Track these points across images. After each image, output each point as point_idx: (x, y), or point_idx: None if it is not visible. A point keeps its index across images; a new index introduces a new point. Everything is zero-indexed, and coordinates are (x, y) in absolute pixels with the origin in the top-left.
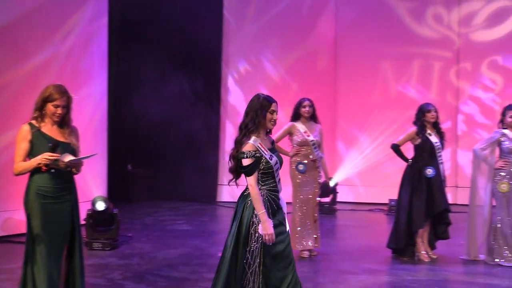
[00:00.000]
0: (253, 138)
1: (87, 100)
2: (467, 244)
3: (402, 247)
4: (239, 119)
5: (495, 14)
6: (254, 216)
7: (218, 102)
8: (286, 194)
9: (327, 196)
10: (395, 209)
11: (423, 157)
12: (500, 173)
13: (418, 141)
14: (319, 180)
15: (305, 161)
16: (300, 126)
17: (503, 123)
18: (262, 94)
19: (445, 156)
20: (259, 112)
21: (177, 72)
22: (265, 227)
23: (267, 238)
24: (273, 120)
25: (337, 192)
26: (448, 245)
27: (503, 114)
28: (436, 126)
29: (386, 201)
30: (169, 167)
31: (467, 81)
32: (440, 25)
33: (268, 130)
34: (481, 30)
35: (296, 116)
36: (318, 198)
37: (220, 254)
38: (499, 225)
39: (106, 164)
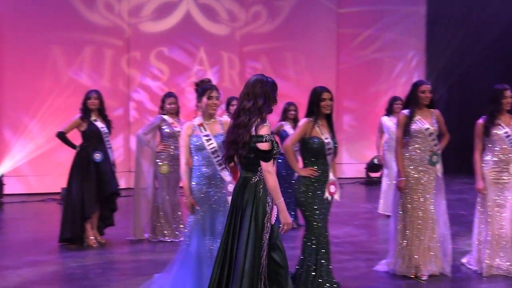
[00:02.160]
0: (267, 121)
1: None
2: (132, 225)
3: (79, 234)
4: None
5: (161, 7)
6: (268, 205)
7: None
8: None
9: None
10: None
11: (91, 142)
12: (161, 156)
13: (84, 127)
14: None
15: None
16: None
17: (163, 109)
18: (265, 76)
19: (118, 142)
20: (271, 95)
21: None
22: (286, 217)
23: (286, 228)
24: (276, 104)
25: (4, 184)
26: (117, 228)
27: (163, 101)
28: (101, 113)
29: (59, 190)
30: None
31: (137, 70)
32: (111, 13)
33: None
34: (149, 21)
35: None
36: None
37: None
38: (161, 205)
39: None
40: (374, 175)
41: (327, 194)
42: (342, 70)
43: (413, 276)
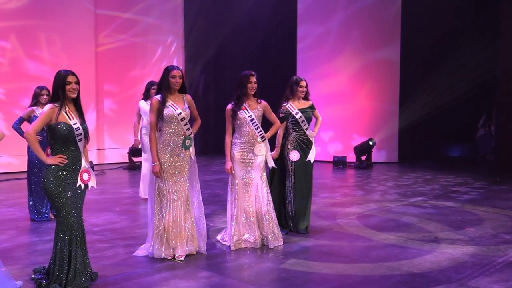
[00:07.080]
0: None
1: None
2: None
3: None
4: None
5: None
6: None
7: None
8: None
9: None
10: None
11: None
12: None
13: None
14: None
15: None
16: None
17: None
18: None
19: None
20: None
21: None
22: None
23: None
24: None
25: None
26: None
27: None
28: None
29: None
30: None
31: None
32: None
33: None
34: None
35: None
36: None
37: None
38: None
39: None
40: (137, 159)
41: (80, 182)
42: (101, 53)
43: (171, 258)
